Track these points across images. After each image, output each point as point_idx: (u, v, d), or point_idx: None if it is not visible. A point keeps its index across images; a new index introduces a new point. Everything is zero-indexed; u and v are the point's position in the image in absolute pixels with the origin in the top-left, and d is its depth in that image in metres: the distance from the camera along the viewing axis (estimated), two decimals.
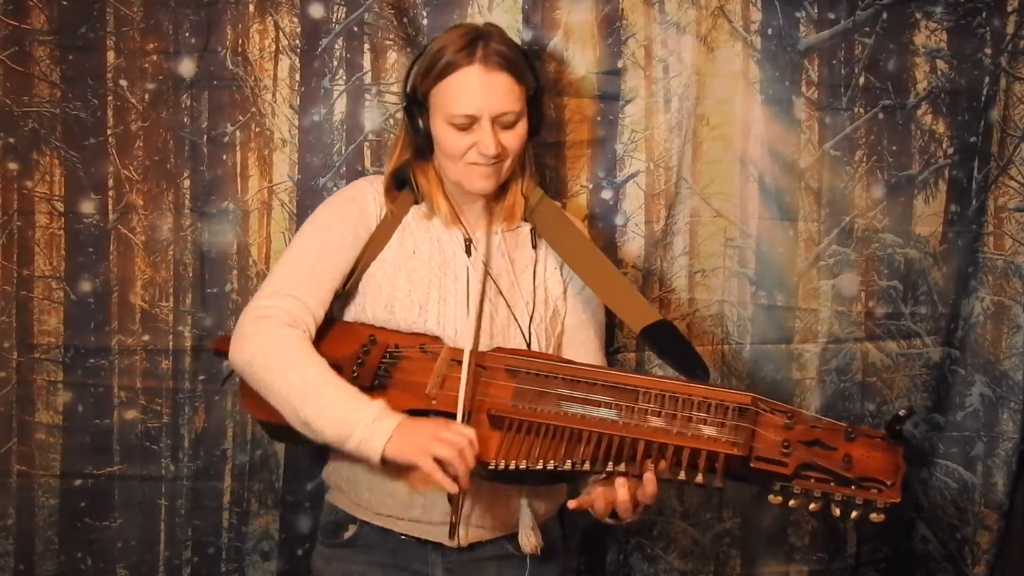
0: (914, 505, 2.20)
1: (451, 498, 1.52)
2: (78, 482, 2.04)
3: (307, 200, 1.99)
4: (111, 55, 1.96)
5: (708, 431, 1.47)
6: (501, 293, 1.69)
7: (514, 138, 1.64)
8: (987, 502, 2.15)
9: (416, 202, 1.73)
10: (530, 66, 1.68)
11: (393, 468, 1.50)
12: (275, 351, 1.56)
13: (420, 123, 1.66)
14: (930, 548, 2.20)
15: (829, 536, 2.18)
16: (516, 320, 1.69)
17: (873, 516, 1.39)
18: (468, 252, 1.70)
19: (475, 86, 1.59)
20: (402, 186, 1.73)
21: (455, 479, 1.44)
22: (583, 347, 1.74)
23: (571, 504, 1.52)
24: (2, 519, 2.03)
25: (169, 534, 2.07)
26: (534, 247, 1.75)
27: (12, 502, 2.03)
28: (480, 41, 1.61)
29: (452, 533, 1.55)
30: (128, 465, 2.04)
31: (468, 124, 1.61)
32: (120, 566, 2.06)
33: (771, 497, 1.43)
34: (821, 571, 2.19)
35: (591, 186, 2.05)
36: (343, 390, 1.53)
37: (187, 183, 2.00)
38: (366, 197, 1.72)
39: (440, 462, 1.44)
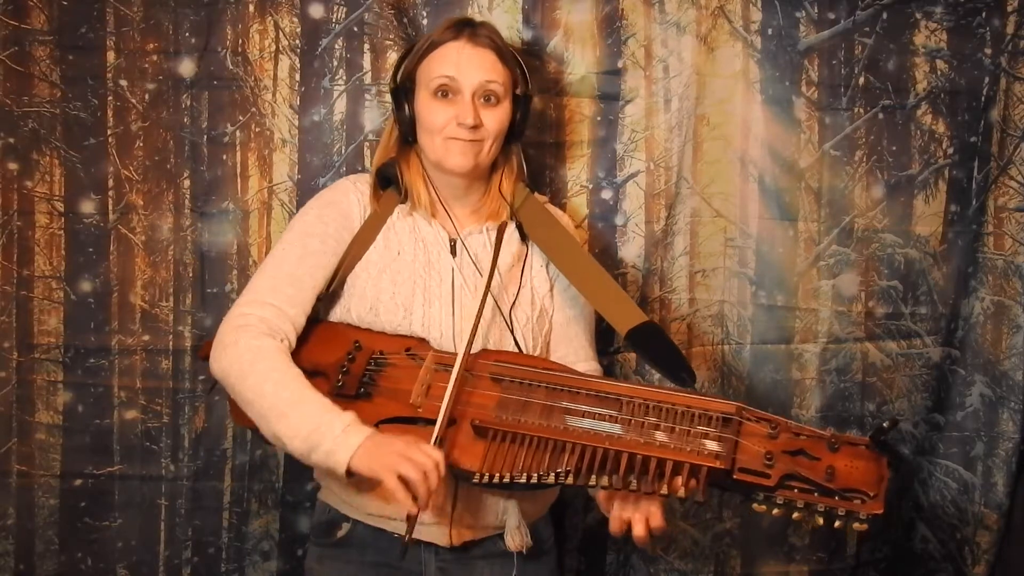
0: (914, 505, 2.20)
1: (409, 516, 1.46)
2: (78, 482, 2.03)
3: (307, 200, 1.97)
4: (111, 55, 1.96)
5: (691, 443, 1.46)
6: (489, 291, 1.67)
7: (494, 118, 1.66)
8: (987, 502, 2.15)
9: (402, 201, 1.72)
10: (521, 67, 1.72)
11: (361, 481, 1.49)
12: (251, 362, 1.56)
13: (406, 107, 1.69)
14: (930, 548, 2.20)
15: (829, 536, 2.17)
16: (504, 319, 1.68)
17: (856, 525, 1.38)
18: (453, 253, 1.70)
19: (459, 56, 1.65)
20: (387, 184, 1.73)
21: (417, 498, 1.42)
22: (572, 343, 1.74)
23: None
24: (2, 519, 2.03)
25: (169, 534, 2.06)
26: (524, 241, 1.74)
27: (12, 502, 2.03)
28: (469, 24, 1.68)
29: (404, 553, 1.52)
30: (128, 465, 2.04)
31: (449, 91, 1.64)
32: (120, 566, 2.06)
33: (755, 505, 1.43)
34: (821, 571, 2.18)
35: (591, 186, 2.05)
36: (315, 403, 1.51)
37: (187, 183, 2.00)
38: (348, 199, 1.72)
39: (404, 481, 1.42)
